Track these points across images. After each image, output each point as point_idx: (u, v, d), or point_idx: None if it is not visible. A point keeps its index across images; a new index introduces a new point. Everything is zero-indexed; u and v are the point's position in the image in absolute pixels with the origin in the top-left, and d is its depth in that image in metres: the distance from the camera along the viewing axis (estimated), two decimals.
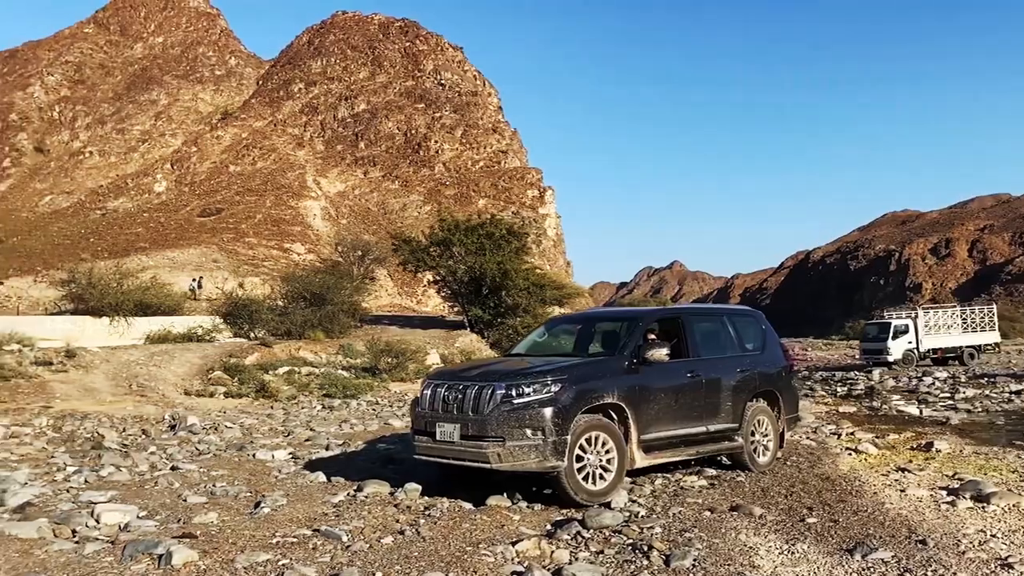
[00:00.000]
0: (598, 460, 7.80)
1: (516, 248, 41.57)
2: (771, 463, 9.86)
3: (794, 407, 10.69)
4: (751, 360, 9.95)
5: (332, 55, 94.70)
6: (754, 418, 9.68)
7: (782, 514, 7.38)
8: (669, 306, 10.53)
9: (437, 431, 8.02)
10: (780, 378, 10.37)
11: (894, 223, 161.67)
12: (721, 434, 9.27)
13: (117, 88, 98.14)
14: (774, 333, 10.82)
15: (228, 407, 19.23)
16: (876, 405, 18.96)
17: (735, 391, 9.46)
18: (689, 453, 8.99)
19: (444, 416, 8.03)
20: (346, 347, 30.46)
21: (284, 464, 10.67)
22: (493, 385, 7.75)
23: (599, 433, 7.84)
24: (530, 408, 7.51)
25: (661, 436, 8.55)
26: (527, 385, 7.66)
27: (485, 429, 7.59)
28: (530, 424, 7.45)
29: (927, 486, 8.69)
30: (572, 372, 7.97)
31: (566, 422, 7.53)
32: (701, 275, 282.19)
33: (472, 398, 7.82)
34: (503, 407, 7.57)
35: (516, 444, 7.44)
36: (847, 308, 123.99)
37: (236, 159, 78.77)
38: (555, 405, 7.53)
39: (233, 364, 24.58)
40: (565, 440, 7.49)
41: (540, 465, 7.47)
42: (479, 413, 7.69)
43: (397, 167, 79.85)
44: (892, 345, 36.59)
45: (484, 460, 7.57)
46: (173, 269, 49.78)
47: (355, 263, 53.90)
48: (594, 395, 7.90)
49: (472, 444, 7.67)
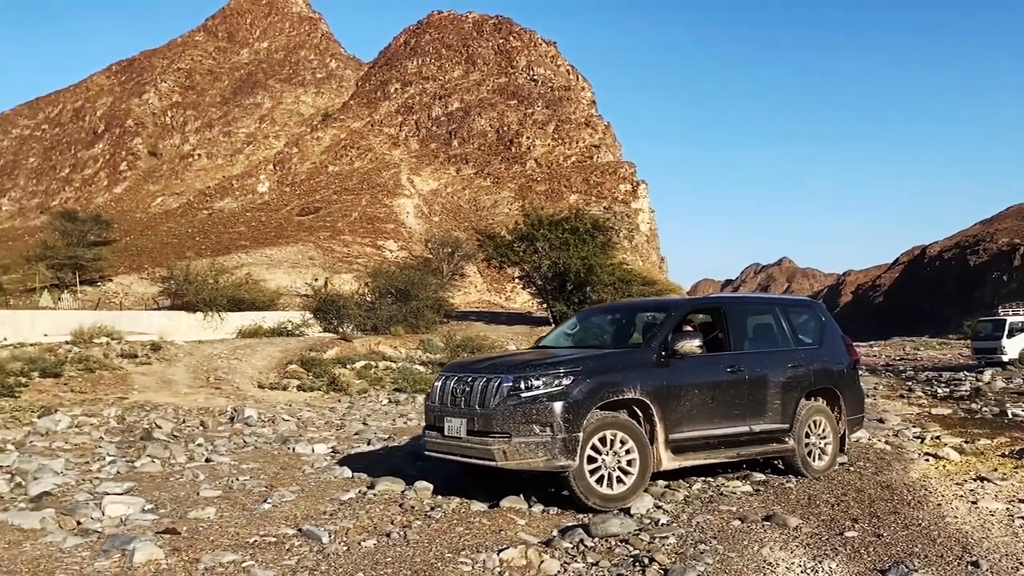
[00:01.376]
0: (615, 461, 7.14)
1: (602, 243, 40.87)
2: (829, 468, 8.92)
3: (858, 407, 9.70)
4: (806, 355, 9.03)
5: (427, 55, 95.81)
6: (809, 418, 8.78)
7: (821, 526, 6.58)
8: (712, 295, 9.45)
9: (445, 426, 7.56)
10: (841, 375, 9.40)
11: (1020, 216, 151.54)
12: (768, 435, 8.42)
13: (224, 93, 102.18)
14: (835, 326, 9.85)
15: (297, 400, 19.33)
16: (976, 407, 17.40)
17: (785, 388, 8.58)
18: (728, 455, 8.15)
19: (452, 410, 7.55)
20: (426, 342, 30.46)
21: (319, 458, 10.46)
22: (500, 377, 7.22)
23: (616, 432, 7.18)
24: (538, 402, 6.95)
25: (694, 436, 7.79)
26: (536, 377, 7.09)
27: (490, 424, 7.08)
28: (537, 419, 6.89)
29: (1005, 498, 7.67)
30: (587, 364, 7.36)
31: (578, 418, 6.92)
32: (811, 272, 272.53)
33: (479, 391, 7.31)
34: (509, 400, 7.04)
35: (522, 440, 6.89)
36: (966, 306, 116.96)
37: (334, 159, 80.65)
38: (565, 399, 6.93)
39: (311, 358, 24.85)
40: (576, 437, 6.88)
41: (548, 464, 6.87)
42: (485, 407, 7.18)
43: (489, 164, 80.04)
44: (1007, 344, 33.89)
45: (489, 457, 7.04)
46: (270, 267, 51.20)
47: (445, 260, 54.28)
48: (612, 389, 7.24)
49: (478, 440, 7.17)
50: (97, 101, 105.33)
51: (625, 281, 40.62)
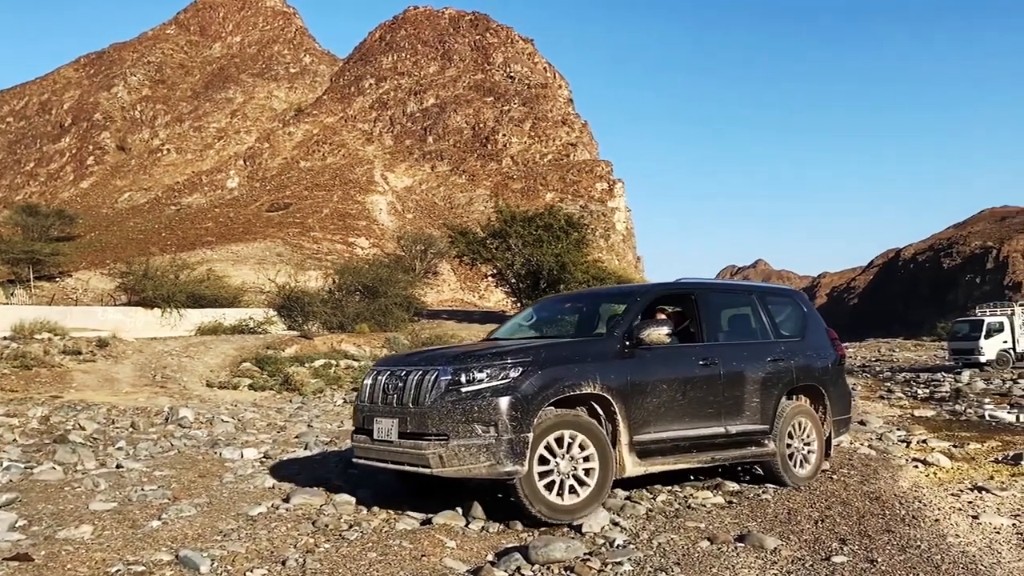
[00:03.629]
0: (571, 467, 6.12)
1: (576, 240, 40.03)
2: (813, 475, 7.94)
3: (844, 407, 8.68)
4: (787, 348, 8.02)
5: (403, 50, 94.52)
6: (791, 419, 7.79)
7: (803, 548, 5.61)
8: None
9: (375, 428, 6.51)
10: (826, 372, 8.39)
11: (992, 219, 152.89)
12: (746, 437, 7.42)
13: (195, 87, 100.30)
14: (819, 318, 8.85)
15: (245, 400, 18.20)
16: (959, 409, 16.63)
17: (765, 385, 7.59)
18: (702, 460, 7.11)
19: (383, 410, 6.50)
20: (392, 340, 29.37)
21: (246, 464, 9.38)
22: (437, 370, 6.18)
23: (573, 432, 6.17)
24: (481, 398, 5.91)
25: (662, 438, 6.78)
26: (479, 369, 6.05)
27: (425, 424, 6.04)
28: (480, 418, 5.85)
29: (1009, 512, 6.77)
30: (539, 354, 6.28)
31: (527, 416, 5.89)
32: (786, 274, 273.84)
33: (413, 386, 6.26)
34: (448, 397, 6.01)
35: (462, 443, 5.85)
36: (940, 308, 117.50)
37: (306, 155, 79.18)
38: (512, 394, 5.89)
39: (267, 356, 23.70)
40: (525, 439, 5.85)
41: (491, 470, 5.82)
42: (420, 404, 6.14)
43: (464, 161, 78.91)
44: (984, 344, 33.41)
45: (423, 463, 6.00)
46: (236, 263, 49.87)
47: (417, 257, 53.23)
48: (567, 383, 6.19)
49: (411, 444, 6.11)
50: (64, 94, 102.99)
51: (599, 279, 39.90)
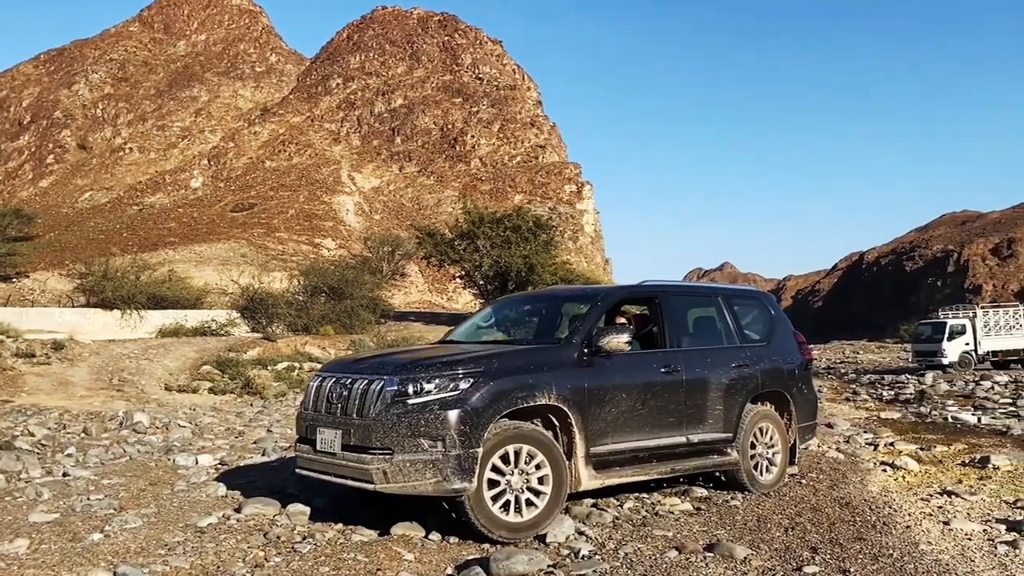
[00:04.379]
0: (522, 482, 5.86)
1: (544, 241, 39.90)
2: (778, 482, 7.75)
3: (810, 413, 8.46)
4: (752, 353, 7.79)
5: (371, 50, 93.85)
6: (755, 426, 7.59)
7: (774, 557, 5.44)
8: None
9: (318, 438, 6.19)
10: (792, 377, 8.15)
11: (953, 223, 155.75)
12: (709, 446, 7.20)
13: (159, 85, 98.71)
14: (786, 321, 8.64)
15: (205, 404, 17.75)
16: (924, 411, 16.69)
17: (728, 392, 7.37)
18: (661, 471, 6.87)
19: (326, 419, 6.18)
20: (357, 342, 28.95)
21: (200, 471, 9.04)
22: (383, 379, 5.87)
23: (524, 446, 5.89)
24: (428, 410, 5.63)
25: (621, 449, 6.53)
26: (427, 380, 5.76)
27: (369, 437, 5.72)
28: (426, 432, 5.57)
29: (979, 517, 6.69)
30: (491, 363, 5.99)
31: (476, 430, 5.63)
32: (752, 276, 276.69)
33: (358, 396, 5.94)
34: (393, 408, 5.71)
35: (407, 459, 5.56)
36: (902, 310, 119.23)
37: (272, 155, 78.25)
38: (461, 407, 5.62)
39: (228, 359, 23.19)
40: (474, 454, 5.59)
41: (438, 487, 5.55)
42: (364, 416, 5.82)
43: (433, 162, 78.51)
44: (947, 346, 33.86)
45: (366, 478, 5.70)
46: (199, 264, 49.05)
47: (385, 259, 52.77)
48: (520, 395, 5.92)
49: (354, 457, 5.81)
50: (23, 91, 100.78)
51: (568, 281, 39.78)
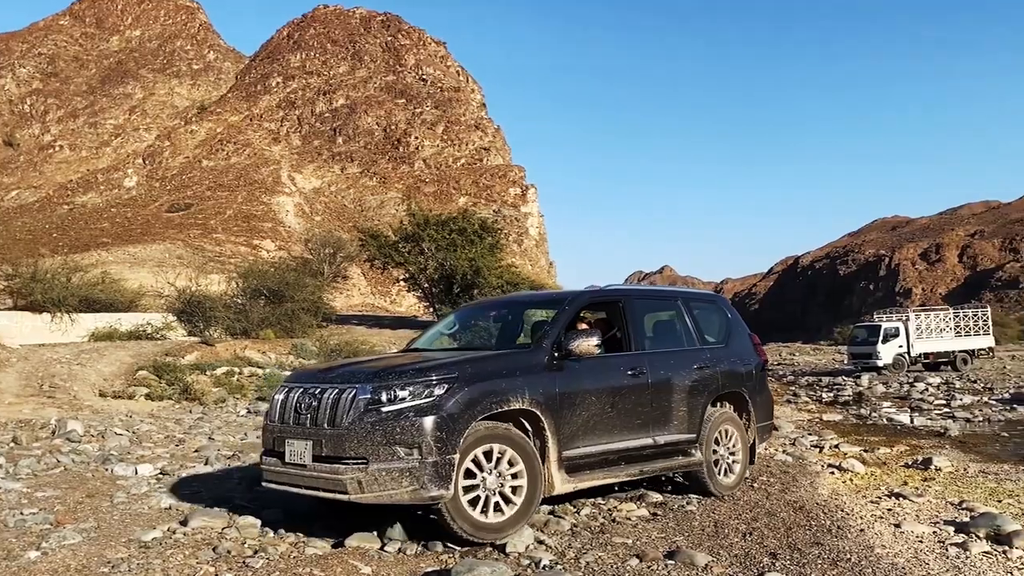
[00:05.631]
0: (498, 483, 5.84)
1: (490, 244, 39.85)
2: (738, 484, 7.86)
3: (768, 413, 8.65)
4: (712, 355, 7.89)
5: (312, 49, 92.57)
6: (717, 427, 7.67)
7: (734, 564, 5.43)
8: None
9: (287, 450, 6.00)
10: (750, 378, 8.29)
11: (884, 228, 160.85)
12: (673, 447, 7.25)
13: (91, 81, 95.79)
14: (741, 322, 8.75)
15: (142, 410, 17.20)
16: (865, 413, 17.09)
17: (691, 393, 7.46)
18: (630, 473, 6.93)
19: (295, 430, 6.01)
20: (299, 347, 28.44)
21: (140, 482, 8.68)
22: (355, 387, 5.75)
23: (502, 447, 5.88)
24: (403, 418, 5.54)
25: (591, 452, 6.54)
26: (401, 387, 5.67)
27: (342, 447, 5.60)
28: (402, 440, 5.48)
29: (928, 519, 6.81)
30: (465, 369, 5.95)
31: (453, 436, 5.58)
32: (691, 279, 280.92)
33: (328, 405, 5.80)
34: (367, 417, 5.60)
35: (383, 467, 5.46)
36: (836, 313, 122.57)
37: (209, 154, 76.57)
38: (438, 413, 5.56)
39: (165, 363, 22.50)
40: (451, 460, 5.54)
41: (415, 495, 5.48)
42: (336, 425, 5.69)
43: (375, 163, 77.80)
44: (882, 349, 34.80)
45: (340, 489, 5.57)
46: (133, 265, 47.72)
47: (326, 261, 51.99)
48: (495, 399, 5.90)
49: (327, 468, 5.67)
50: None
51: (513, 284, 39.85)
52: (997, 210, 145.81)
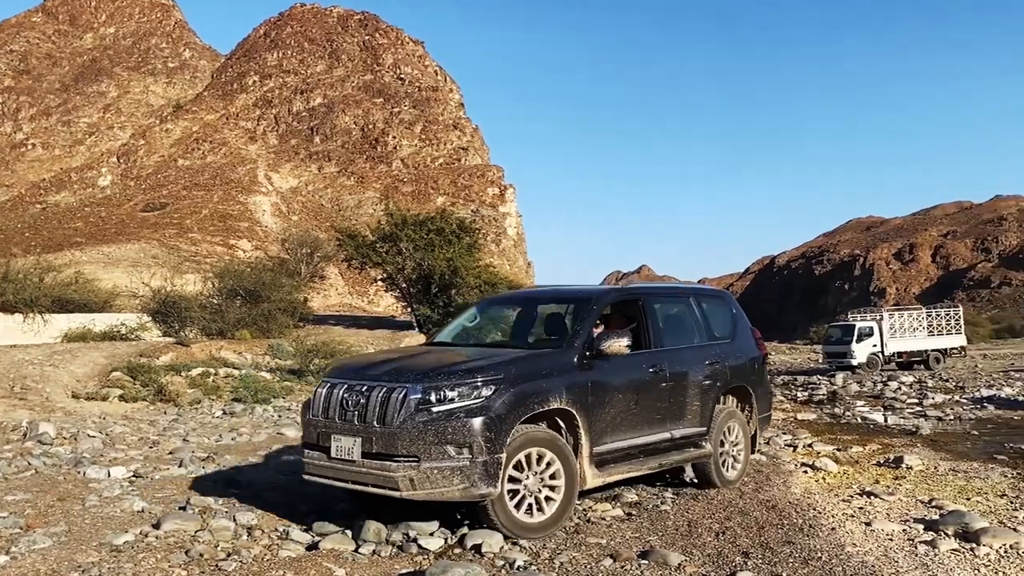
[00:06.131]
0: (538, 483, 6.07)
1: (468, 244, 39.77)
2: (741, 476, 8.20)
3: (767, 404, 9.05)
4: (721, 350, 8.16)
5: (289, 48, 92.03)
6: (725, 421, 7.99)
7: (707, 563, 5.48)
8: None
9: (333, 446, 6.14)
10: (753, 371, 8.63)
11: (859, 229, 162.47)
12: (687, 441, 7.54)
13: (64, 79, 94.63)
14: (745, 318, 8.96)
15: (115, 412, 17.01)
16: (838, 412, 17.26)
17: (704, 388, 7.72)
18: (651, 466, 7.19)
19: (342, 426, 6.14)
20: (275, 347, 28.25)
21: (112, 485, 8.60)
22: (406, 387, 5.92)
23: (540, 449, 6.09)
24: (454, 418, 5.75)
25: (618, 447, 6.82)
26: (450, 388, 5.87)
27: (394, 445, 5.78)
28: (454, 439, 5.69)
29: (898, 517, 6.90)
30: (509, 370, 6.12)
31: (500, 436, 5.79)
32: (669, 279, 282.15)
33: (378, 403, 5.95)
34: (418, 417, 5.79)
35: (435, 466, 5.67)
36: (811, 313, 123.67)
37: (185, 153, 75.89)
38: (487, 414, 5.77)
39: (140, 364, 22.29)
40: (499, 460, 5.75)
41: (466, 493, 5.70)
42: (387, 424, 5.85)
43: (353, 163, 77.49)
44: (856, 348, 35.15)
45: (392, 486, 5.75)
46: (107, 265, 47.22)
47: (303, 261, 51.75)
48: (537, 400, 6.11)
49: (377, 465, 5.83)
50: None
51: (491, 284, 39.72)
52: (969, 211, 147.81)
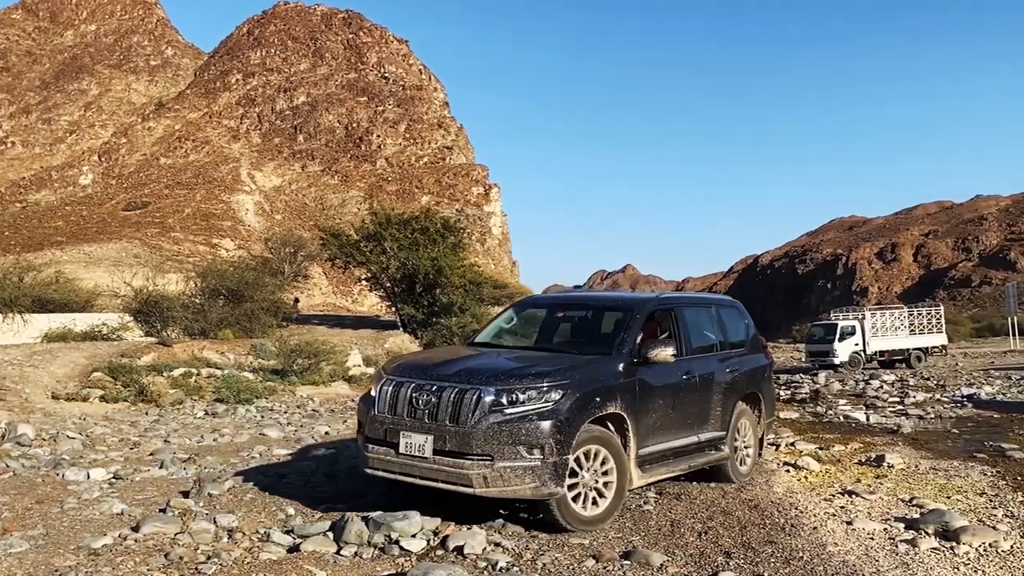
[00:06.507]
0: (593, 480, 6.44)
1: (452, 244, 39.64)
2: (751, 472, 8.70)
3: (772, 409, 9.64)
4: (738, 358, 8.68)
5: (272, 46, 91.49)
6: (738, 423, 8.45)
7: (689, 563, 5.49)
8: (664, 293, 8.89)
9: (402, 442, 6.40)
10: (762, 378, 9.21)
11: (841, 228, 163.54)
12: (710, 444, 7.95)
13: (45, 76, 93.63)
14: (753, 326, 9.52)
15: (96, 413, 16.85)
16: (821, 410, 17.33)
17: (725, 394, 8.18)
18: (681, 468, 7.55)
19: (411, 424, 6.43)
20: (258, 347, 28.08)
21: (92, 487, 8.52)
22: (479, 389, 6.23)
23: (597, 448, 6.46)
24: (527, 420, 6.08)
25: (658, 450, 7.21)
26: (522, 391, 6.20)
27: (468, 444, 6.09)
28: (526, 440, 6.02)
29: (879, 516, 6.94)
30: (573, 376, 6.46)
31: (568, 439, 6.14)
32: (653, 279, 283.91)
33: (450, 403, 6.26)
34: (492, 417, 6.11)
35: (508, 465, 6.00)
36: (794, 312, 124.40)
37: (167, 151, 75.29)
38: (556, 418, 6.11)
39: (121, 365, 22.09)
40: (566, 460, 6.13)
41: (536, 492, 6.04)
42: (460, 423, 6.17)
43: (337, 161, 77.14)
44: (838, 347, 35.35)
45: (466, 483, 6.07)
46: (89, 264, 46.82)
47: (286, 260, 51.45)
48: (599, 404, 6.48)
49: (449, 462, 6.14)
50: None
51: (476, 283, 39.65)
52: (950, 210, 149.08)
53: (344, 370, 26.72)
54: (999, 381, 23.83)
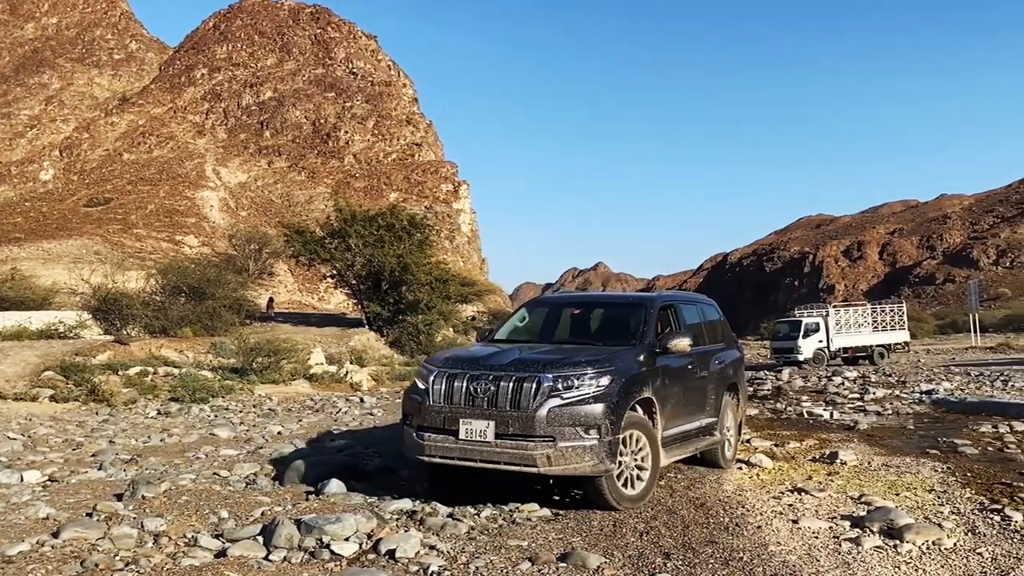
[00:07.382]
0: (633, 461, 7.02)
1: (419, 241, 39.33)
2: (734, 457, 9.48)
3: (745, 398, 10.54)
4: (722, 351, 9.56)
5: (239, 40, 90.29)
6: (726, 412, 9.27)
7: (627, 565, 5.34)
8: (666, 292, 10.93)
9: (462, 429, 6.84)
10: (739, 369, 10.19)
11: (809, 227, 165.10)
12: (706, 429, 8.71)
13: (4, 70, 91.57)
14: (727, 323, 10.52)
15: (44, 412, 16.42)
16: (781, 407, 17.33)
17: (716, 384, 9.04)
18: (687, 450, 8.23)
19: (471, 411, 6.86)
20: (218, 345, 27.63)
21: (24, 490, 8.24)
22: (537, 376, 6.75)
23: (636, 431, 7.06)
24: (584, 404, 6.66)
25: (675, 433, 7.90)
26: (577, 377, 6.77)
27: (532, 427, 6.60)
28: (585, 422, 6.59)
29: (826, 514, 6.85)
30: (617, 364, 7.08)
31: (619, 419, 6.77)
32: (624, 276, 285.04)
33: (510, 391, 6.74)
34: (551, 402, 6.64)
35: (569, 445, 6.53)
36: (763, 309, 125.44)
37: (131, 147, 74.01)
38: (608, 401, 6.72)
39: (74, 363, 21.59)
40: (619, 439, 6.76)
41: (595, 468, 6.59)
42: (521, 409, 6.66)
43: (304, 158, 76.31)
44: (803, 344, 35.55)
45: (530, 463, 6.58)
46: (47, 261, 45.84)
47: (251, 257, 50.88)
48: (639, 388, 7.16)
49: (513, 445, 6.63)
50: None
51: (443, 281, 39.45)
52: (915, 209, 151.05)
53: (306, 368, 26.36)
54: (959, 377, 24.06)
